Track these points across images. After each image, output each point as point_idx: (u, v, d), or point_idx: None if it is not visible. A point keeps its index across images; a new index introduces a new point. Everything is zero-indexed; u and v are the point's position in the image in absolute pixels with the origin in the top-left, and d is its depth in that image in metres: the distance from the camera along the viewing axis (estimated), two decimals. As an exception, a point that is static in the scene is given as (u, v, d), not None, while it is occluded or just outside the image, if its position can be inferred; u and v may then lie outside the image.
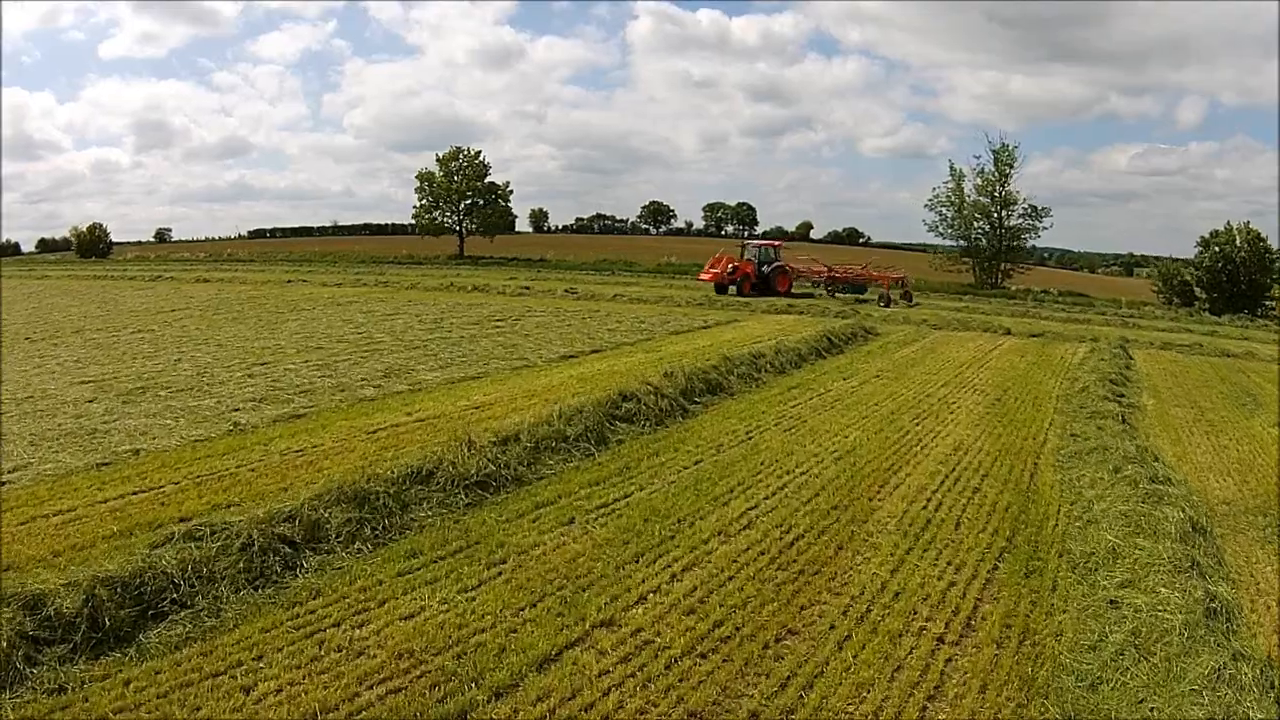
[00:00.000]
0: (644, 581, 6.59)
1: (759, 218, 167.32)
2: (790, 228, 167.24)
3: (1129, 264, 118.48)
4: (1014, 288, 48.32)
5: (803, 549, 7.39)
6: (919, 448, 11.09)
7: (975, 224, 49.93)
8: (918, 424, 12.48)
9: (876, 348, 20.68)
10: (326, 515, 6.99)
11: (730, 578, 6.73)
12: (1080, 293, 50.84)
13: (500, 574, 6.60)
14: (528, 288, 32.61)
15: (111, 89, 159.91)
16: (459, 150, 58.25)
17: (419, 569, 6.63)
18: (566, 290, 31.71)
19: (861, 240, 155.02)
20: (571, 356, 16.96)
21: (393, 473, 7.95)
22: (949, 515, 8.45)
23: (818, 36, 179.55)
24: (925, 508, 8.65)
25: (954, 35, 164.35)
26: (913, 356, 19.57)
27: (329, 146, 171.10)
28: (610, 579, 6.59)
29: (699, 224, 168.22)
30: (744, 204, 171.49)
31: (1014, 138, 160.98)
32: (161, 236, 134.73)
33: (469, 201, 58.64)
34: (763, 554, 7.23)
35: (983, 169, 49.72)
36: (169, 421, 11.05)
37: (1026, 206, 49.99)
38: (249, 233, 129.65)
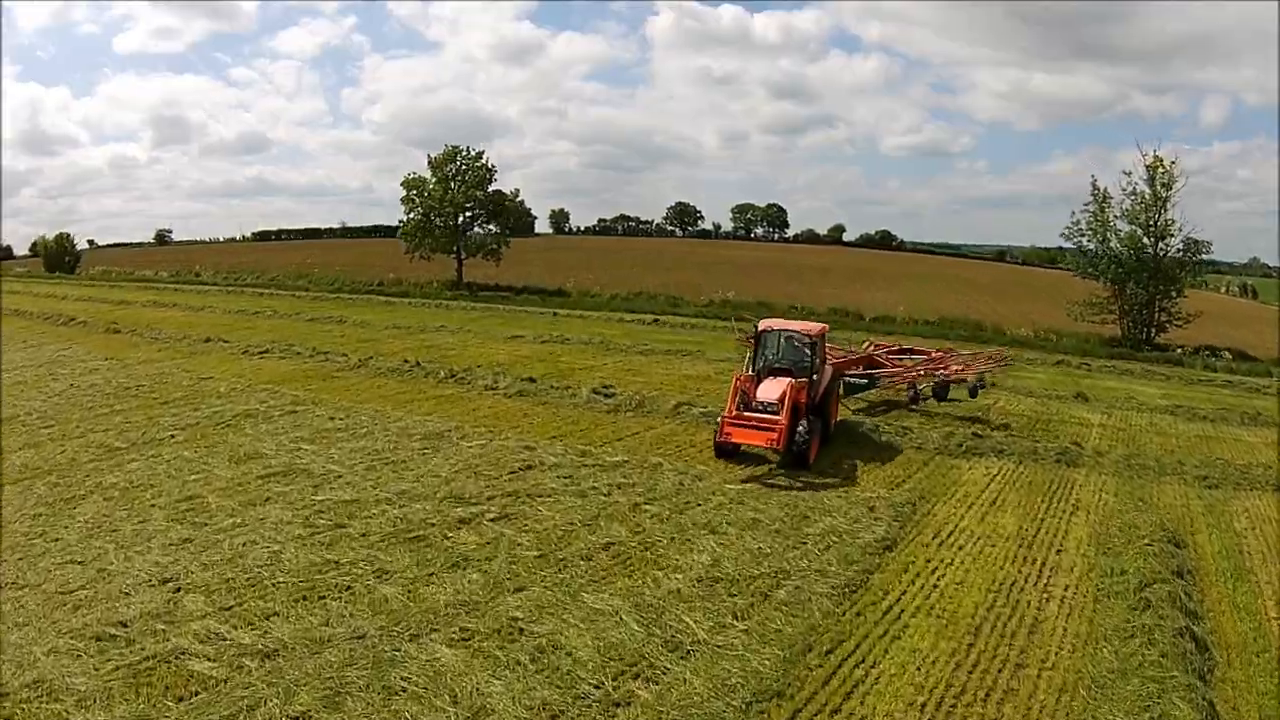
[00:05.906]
0: None
1: (789, 219, 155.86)
2: (823, 230, 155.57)
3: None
4: (1177, 348, 36.62)
5: None
6: None
7: (1125, 260, 38.10)
8: None
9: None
10: None
11: None
12: (1242, 350, 39.32)
13: None
14: (533, 380, 21.36)
15: (127, 84, 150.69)
16: (456, 151, 46.20)
17: None
18: (595, 392, 20.30)
19: (895, 244, 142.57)
20: None
21: None
22: None
23: (839, 34, 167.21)
24: None
25: (975, 32, 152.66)
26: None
27: (347, 143, 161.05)
28: None
29: (727, 225, 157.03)
30: (774, 205, 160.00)
31: (1035, 136, 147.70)
32: (162, 238, 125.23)
33: (469, 214, 46.86)
34: None
35: (1134, 189, 37.95)
36: None
37: (1187, 240, 38.15)
38: (254, 234, 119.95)
